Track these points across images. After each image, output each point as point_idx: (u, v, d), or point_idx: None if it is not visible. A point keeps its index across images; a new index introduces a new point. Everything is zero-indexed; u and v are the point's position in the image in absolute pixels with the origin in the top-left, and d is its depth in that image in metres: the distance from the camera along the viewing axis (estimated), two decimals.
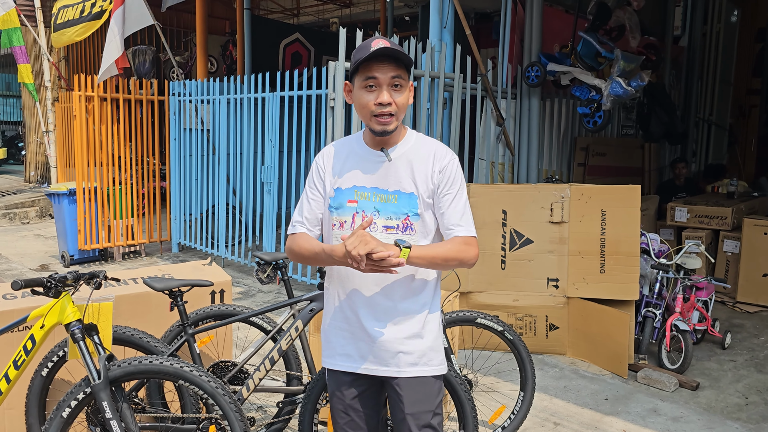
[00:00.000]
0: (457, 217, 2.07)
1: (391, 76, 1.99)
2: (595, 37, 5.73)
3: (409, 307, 2.11)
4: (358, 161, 2.12)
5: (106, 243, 7.64)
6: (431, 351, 2.15)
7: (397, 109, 2.01)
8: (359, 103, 2.04)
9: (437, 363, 2.17)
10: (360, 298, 2.12)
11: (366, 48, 1.99)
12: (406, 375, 2.12)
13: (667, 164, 8.85)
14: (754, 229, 6.08)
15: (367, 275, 2.03)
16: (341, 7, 13.91)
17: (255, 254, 3.52)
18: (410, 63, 2.03)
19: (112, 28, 7.69)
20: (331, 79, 5.15)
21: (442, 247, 2.04)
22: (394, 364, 2.12)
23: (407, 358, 2.11)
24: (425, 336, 2.14)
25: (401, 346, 2.11)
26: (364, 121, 2.06)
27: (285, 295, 3.65)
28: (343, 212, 2.10)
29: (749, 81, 11.59)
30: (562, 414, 3.91)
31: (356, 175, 2.11)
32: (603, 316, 4.58)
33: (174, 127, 8.03)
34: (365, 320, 2.12)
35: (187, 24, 13.02)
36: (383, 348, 2.11)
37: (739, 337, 5.33)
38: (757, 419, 3.91)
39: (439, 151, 2.12)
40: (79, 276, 2.61)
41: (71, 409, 2.48)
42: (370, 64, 1.99)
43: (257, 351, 3.28)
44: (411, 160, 2.09)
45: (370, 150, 2.12)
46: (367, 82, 2.00)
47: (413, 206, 2.06)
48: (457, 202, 2.08)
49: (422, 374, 2.13)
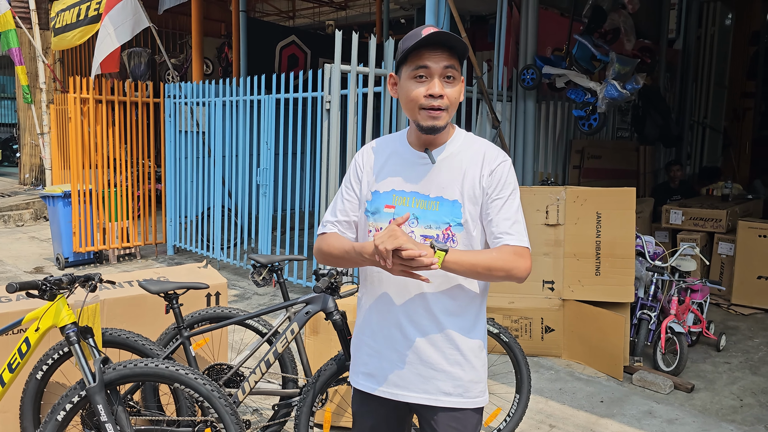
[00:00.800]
0: (507, 225, 1.81)
1: (443, 65, 1.76)
2: (590, 40, 5.75)
3: (451, 326, 1.85)
4: (399, 162, 1.90)
5: (101, 245, 7.62)
6: (471, 381, 1.87)
7: (448, 104, 1.79)
8: (407, 95, 1.81)
9: (476, 394, 1.88)
10: (392, 311, 1.88)
11: (416, 35, 1.77)
12: (439, 405, 1.86)
13: (662, 167, 8.88)
14: (749, 231, 6.10)
15: (403, 284, 1.84)
16: (337, 10, 13.94)
17: (250, 257, 3.51)
18: (465, 53, 1.81)
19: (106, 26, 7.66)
20: (327, 81, 5.15)
21: (487, 254, 1.77)
22: (424, 391, 1.86)
23: (442, 386, 1.85)
24: (465, 363, 1.86)
25: (434, 372, 1.85)
26: (411, 116, 1.84)
27: (281, 298, 3.65)
28: (380, 218, 1.88)
29: (743, 84, 11.65)
30: (557, 416, 3.91)
31: (396, 178, 1.89)
32: (598, 318, 4.59)
33: (169, 129, 8.02)
34: (396, 337, 1.88)
35: (182, 26, 13.03)
36: (413, 371, 1.86)
37: (733, 339, 5.35)
38: (752, 421, 3.92)
39: (489, 152, 1.87)
40: (74, 279, 2.60)
41: (66, 412, 2.47)
42: (420, 52, 1.76)
43: (253, 354, 3.27)
44: (457, 163, 1.86)
45: (413, 151, 1.89)
46: (416, 72, 1.77)
47: (456, 215, 1.82)
48: (507, 208, 1.82)
49: (458, 406, 1.86)
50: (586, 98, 5.93)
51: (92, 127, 7.49)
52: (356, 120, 5.33)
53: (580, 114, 6.02)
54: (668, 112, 8.07)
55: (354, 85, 5.17)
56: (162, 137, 8.14)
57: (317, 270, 2.87)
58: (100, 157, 7.59)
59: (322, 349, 3.57)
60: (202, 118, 7.73)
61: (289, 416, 3.33)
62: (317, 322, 3.60)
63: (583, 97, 5.95)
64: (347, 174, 2.00)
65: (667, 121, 7.84)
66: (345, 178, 2.01)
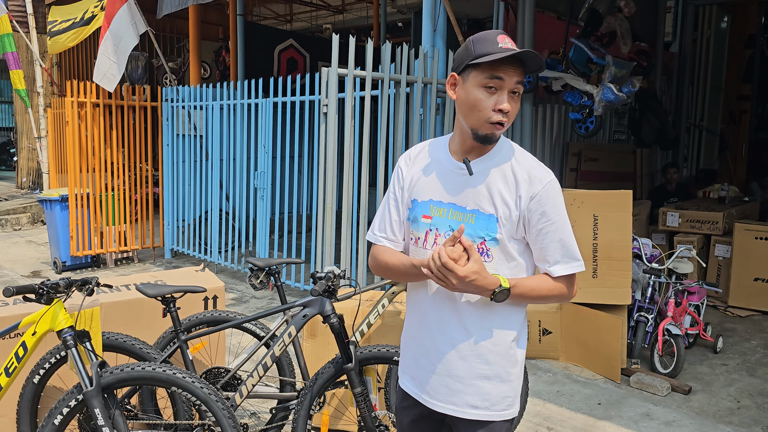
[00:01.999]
0: (559, 254, 1.80)
1: (516, 81, 1.73)
2: (586, 44, 5.77)
3: (482, 339, 1.83)
4: (438, 171, 1.87)
5: (98, 249, 7.61)
6: (499, 395, 1.85)
7: (509, 119, 1.76)
8: (472, 104, 1.75)
9: (503, 407, 1.86)
10: (428, 321, 1.88)
11: (490, 41, 1.73)
12: (466, 417, 1.85)
13: (659, 169, 8.90)
14: (745, 233, 6.11)
15: (442, 294, 1.84)
16: (334, 14, 13.95)
17: (248, 260, 3.51)
18: (540, 69, 1.78)
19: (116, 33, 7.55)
20: (324, 85, 5.16)
21: (542, 287, 1.82)
22: (452, 403, 1.86)
23: (469, 399, 1.84)
24: (493, 377, 1.84)
25: (461, 385, 1.84)
26: (470, 123, 1.78)
27: (278, 301, 3.65)
28: (418, 228, 1.88)
29: (740, 87, 11.68)
30: (555, 419, 3.92)
31: (435, 188, 1.86)
32: (596, 320, 4.60)
33: (167, 132, 8.02)
34: (429, 347, 1.88)
35: (180, 30, 13.02)
36: (441, 382, 1.86)
37: (730, 341, 5.36)
38: (749, 423, 3.92)
39: (531, 171, 1.80)
40: (71, 282, 2.60)
41: (63, 416, 2.47)
42: (499, 64, 1.72)
43: (250, 357, 3.27)
44: (496, 176, 1.80)
45: (452, 160, 1.86)
46: (489, 82, 1.72)
47: (491, 230, 1.78)
48: (555, 235, 1.79)
49: (486, 419, 1.85)
50: (582, 101, 5.94)
51: (90, 131, 7.49)
52: (353, 123, 5.34)
53: (576, 117, 6.03)
54: (665, 114, 8.09)
55: (351, 89, 5.18)
56: (159, 141, 8.14)
57: (314, 273, 2.87)
58: (97, 160, 7.59)
59: (320, 352, 3.58)
60: (199, 121, 7.73)
61: (287, 420, 3.33)
62: (315, 325, 3.60)
63: (580, 100, 5.96)
64: (392, 179, 1.99)
65: (663, 124, 7.86)
66: (390, 182, 1.99)
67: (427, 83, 5.51)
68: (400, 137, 5.45)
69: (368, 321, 3.42)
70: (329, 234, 5.30)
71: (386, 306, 3.46)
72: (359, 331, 3.40)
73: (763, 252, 6.00)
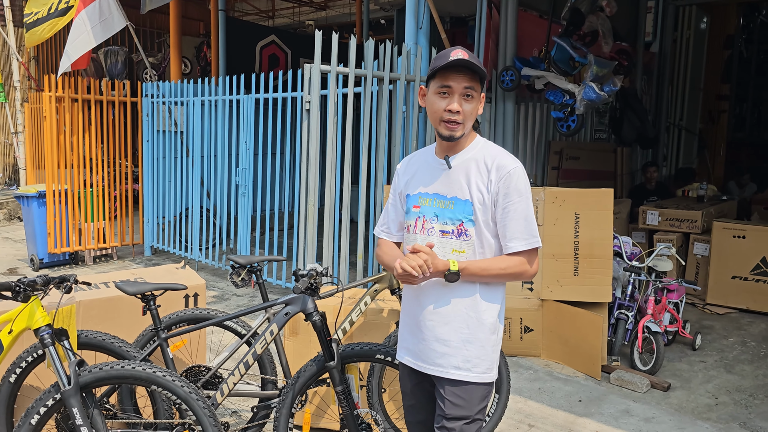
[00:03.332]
0: (518, 231, 2.10)
1: (464, 86, 2.07)
2: (568, 42, 5.79)
3: (463, 309, 2.15)
4: (425, 169, 2.25)
5: (77, 246, 7.51)
6: (477, 358, 2.15)
7: (464, 118, 2.09)
8: (431, 108, 2.13)
9: (482, 370, 2.17)
10: (421, 294, 2.20)
11: (445, 57, 2.07)
12: (449, 377, 2.16)
13: (639, 168, 8.99)
14: (723, 232, 6.19)
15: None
16: (317, 10, 13.91)
17: (229, 257, 3.49)
18: (485, 76, 2.11)
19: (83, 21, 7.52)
20: (307, 81, 5.13)
21: (496, 265, 2.11)
22: (438, 365, 2.17)
23: (452, 360, 2.15)
24: (475, 341, 2.15)
25: (447, 348, 2.15)
26: (434, 125, 2.16)
27: (260, 299, 3.63)
28: (410, 217, 2.24)
29: (718, 87, 11.83)
30: (536, 416, 3.94)
31: (422, 182, 2.23)
32: (577, 318, 4.63)
33: (147, 128, 7.94)
34: (421, 317, 2.20)
35: (160, 25, 12.90)
36: (430, 347, 2.18)
37: (709, 338, 5.42)
38: (727, 419, 3.97)
39: (499, 159, 2.14)
40: (48, 280, 2.56)
41: (40, 416, 2.44)
42: (446, 72, 2.07)
43: (231, 355, 3.25)
44: (470, 167, 2.15)
45: (436, 158, 2.22)
46: (441, 89, 2.09)
47: (468, 212, 2.12)
48: (516, 214, 2.10)
49: (465, 379, 2.15)
50: (564, 100, 5.97)
51: (68, 127, 7.38)
52: (336, 121, 5.32)
53: (558, 115, 6.06)
54: (645, 114, 8.16)
55: (334, 86, 5.16)
56: (139, 137, 8.06)
57: (296, 271, 2.86)
58: (75, 156, 7.48)
59: (302, 350, 3.56)
60: (180, 117, 7.66)
61: (269, 418, 3.31)
62: (297, 323, 3.59)
63: (562, 98, 5.99)
64: (392, 184, 2.40)
65: (644, 123, 7.94)
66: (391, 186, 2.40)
67: (410, 80, 5.50)
68: (383, 135, 5.44)
69: (350, 319, 3.41)
70: (311, 231, 5.27)
71: (368, 304, 3.45)
72: (341, 329, 3.39)
73: (740, 250, 6.08)
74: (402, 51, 5.47)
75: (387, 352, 2.82)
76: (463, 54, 2.05)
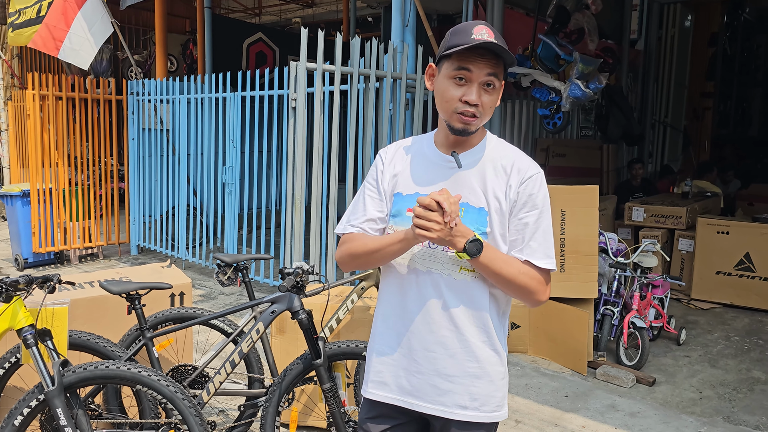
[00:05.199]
0: (536, 245, 1.74)
1: (486, 73, 1.66)
2: (554, 40, 5.82)
3: (471, 336, 1.76)
4: (424, 164, 1.81)
5: (61, 245, 7.45)
6: (487, 395, 1.78)
7: (482, 111, 1.70)
8: (443, 94, 1.71)
9: (492, 408, 1.79)
10: (410, 318, 1.79)
11: (465, 32, 1.65)
12: (454, 418, 1.77)
13: (625, 165, 9.05)
14: (708, 228, 6.25)
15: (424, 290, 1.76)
16: (303, 7, 13.85)
17: (216, 256, 3.47)
18: (512, 63, 1.71)
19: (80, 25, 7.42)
20: (293, 79, 5.12)
21: (515, 266, 1.71)
22: (440, 403, 1.77)
23: (458, 399, 1.76)
24: (483, 375, 1.77)
25: (452, 384, 1.76)
26: (444, 115, 1.74)
27: (246, 298, 3.61)
28: (401, 222, 1.77)
29: (703, 84, 11.95)
30: (523, 411, 3.96)
31: (420, 181, 1.79)
32: (563, 314, 4.65)
33: (132, 127, 7.89)
34: (416, 344, 1.78)
35: (145, 22, 12.80)
36: (430, 382, 1.77)
37: (693, 333, 5.47)
38: (711, 413, 4.02)
39: (518, 162, 1.77)
40: (31, 280, 2.54)
41: (24, 417, 2.42)
42: (466, 55, 1.65)
43: (218, 354, 3.23)
44: (486, 169, 1.76)
45: (439, 153, 1.80)
46: (458, 73, 1.67)
47: (481, 223, 1.73)
48: (536, 227, 1.74)
49: (475, 420, 1.77)
50: (550, 97, 6.01)
51: (52, 125, 7.31)
52: (323, 118, 5.31)
53: (544, 113, 6.10)
54: (630, 111, 8.22)
55: (320, 83, 5.15)
56: (125, 135, 8.00)
57: (283, 269, 2.85)
58: (60, 155, 7.42)
59: (289, 348, 3.55)
60: (166, 115, 7.61)
61: (255, 417, 3.30)
62: (283, 321, 3.58)
63: (548, 96, 6.02)
64: (370, 171, 1.90)
65: (629, 120, 7.99)
66: (368, 175, 1.90)
67: (397, 78, 5.50)
68: (369, 132, 5.44)
69: (337, 317, 3.40)
70: (298, 229, 5.27)
71: (355, 301, 3.45)
72: (328, 327, 3.38)
73: (724, 246, 6.14)
74: (388, 49, 5.46)
75: None
76: (488, 33, 1.64)
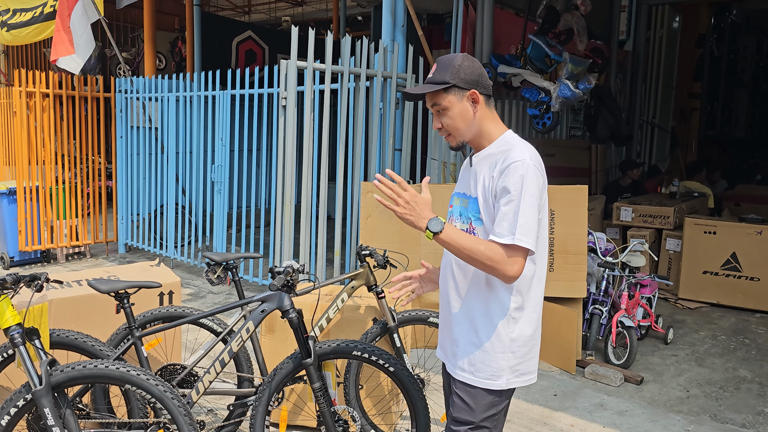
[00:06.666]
0: (503, 223, 1.92)
1: (431, 104, 2.09)
2: (544, 40, 5.84)
3: (472, 309, 2.09)
4: (463, 169, 2.26)
5: (48, 244, 7.39)
6: (482, 362, 2.06)
7: (449, 129, 2.08)
8: None
9: (486, 375, 2.07)
10: (443, 292, 2.22)
11: None
12: (456, 377, 2.13)
13: (614, 165, 9.10)
14: (695, 228, 6.30)
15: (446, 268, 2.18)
16: (293, 6, 13.83)
17: (205, 255, 3.46)
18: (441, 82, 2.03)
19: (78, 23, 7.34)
20: (283, 78, 5.10)
21: (476, 243, 1.93)
22: (452, 363, 2.16)
23: (460, 362, 2.11)
24: (479, 344, 2.07)
25: (455, 347, 2.14)
26: None
27: (236, 296, 3.60)
28: (449, 215, 2.24)
29: (690, 85, 12.03)
30: (512, 410, 3.97)
31: (459, 182, 2.25)
32: (552, 313, 4.66)
33: (120, 124, 7.83)
34: (445, 312, 2.21)
35: (134, 19, 12.73)
36: (450, 344, 2.19)
37: (680, 332, 5.52)
38: (698, 411, 4.05)
39: (507, 154, 1.99)
40: (18, 278, 2.52)
41: (11, 416, 2.39)
42: None
43: (207, 353, 3.22)
44: (484, 165, 2.07)
45: (469, 159, 2.21)
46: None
47: (475, 211, 2.06)
48: (506, 211, 1.93)
49: (470, 382, 2.09)
50: (540, 97, 6.02)
51: (39, 122, 7.25)
52: (313, 117, 5.30)
53: (534, 113, 6.11)
54: (619, 111, 8.26)
55: (310, 82, 5.14)
56: (113, 133, 7.95)
57: (273, 268, 2.84)
58: (47, 153, 7.36)
59: (279, 347, 3.54)
60: (154, 113, 7.56)
61: (245, 416, 3.29)
62: (273, 320, 3.57)
63: (537, 96, 6.04)
64: None
65: (618, 121, 8.03)
66: None
67: (387, 77, 5.50)
68: (359, 131, 5.43)
69: (327, 316, 3.40)
70: (288, 228, 5.25)
71: (345, 300, 3.45)
72: (318, 326, 3.38)
73: (711, 246, 6.19)
74: (379, 48, 5.46)
75: (364, 349, 2.82)
76: (432, 72, 2.06)
